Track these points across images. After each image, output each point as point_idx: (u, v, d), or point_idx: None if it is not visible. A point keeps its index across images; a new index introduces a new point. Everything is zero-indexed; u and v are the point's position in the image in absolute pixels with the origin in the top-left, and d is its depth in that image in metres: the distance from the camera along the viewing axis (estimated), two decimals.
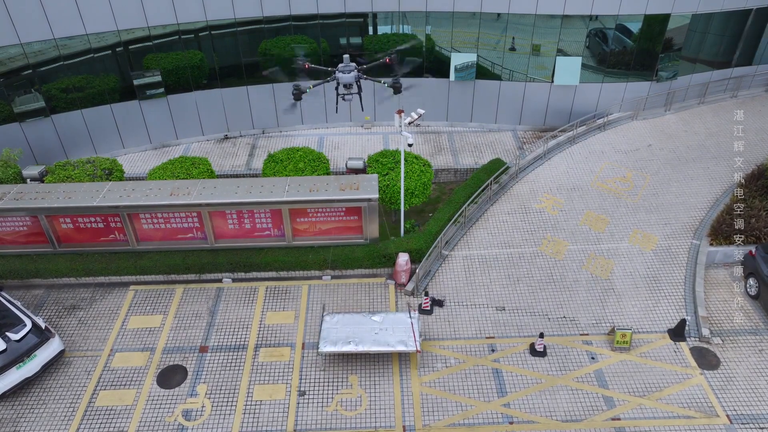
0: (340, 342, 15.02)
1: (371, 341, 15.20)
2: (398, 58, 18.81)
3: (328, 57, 23.40)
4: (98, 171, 18.78)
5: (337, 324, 15.55)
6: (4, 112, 20.66)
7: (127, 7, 20.13)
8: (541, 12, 21.56)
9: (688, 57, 23.72)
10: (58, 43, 20.12)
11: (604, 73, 23.47)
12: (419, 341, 15.26)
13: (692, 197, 20.27)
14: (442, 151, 23.48)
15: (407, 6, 21.94)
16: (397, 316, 16.12)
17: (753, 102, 24.98)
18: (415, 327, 15.53)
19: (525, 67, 23.28)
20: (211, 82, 23.06)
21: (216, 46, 22.30)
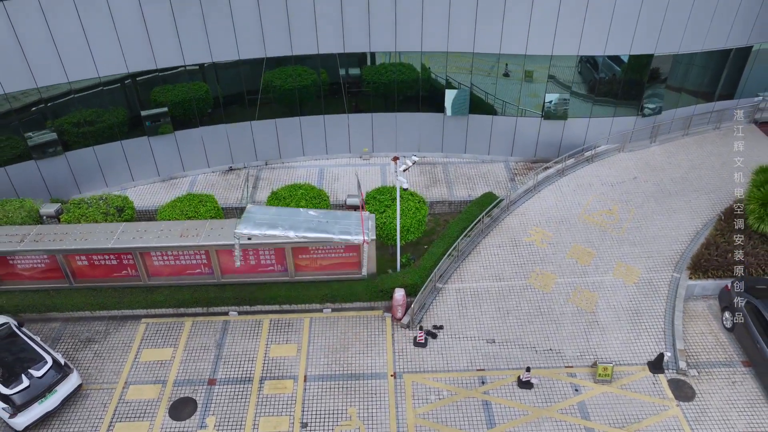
0: (265, 225, 14.70)
1: (306, 228, 14.95)
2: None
3: (327, 86, 24.50)
4: (111, 209, 19.86)
5: (264, 211, 15.23)
6: (19, 148, 21.72)
7: (137, 51, 21.23)
8: (530, 53, 22.66)
9: (674, 87, 24.76)
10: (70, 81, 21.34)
11: (593, 101, 24.53)
12: (370, 233, 14.96)
13: (674, 230, 21.34)
14: (437, 183, 24.56)
15: (403, 47, 23.04)
16: (343, 212, 16.20)
17: (735, 134, 26.06)
18: (365, 222, 15.30)
19: (517, 95, 24.27)
20: (217, 116, 24.15)
21: (220, 78, 23.33)
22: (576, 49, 22.48)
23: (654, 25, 21.90)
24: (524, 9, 21.62)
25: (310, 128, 25.19)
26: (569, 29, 21.96)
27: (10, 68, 19.80)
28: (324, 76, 24.24)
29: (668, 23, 21.89)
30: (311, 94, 24.52)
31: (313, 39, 22.59)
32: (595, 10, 21.47)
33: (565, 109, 24.13)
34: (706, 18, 22.14)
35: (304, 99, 24.49)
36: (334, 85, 24.44)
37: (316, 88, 24.40)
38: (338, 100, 24.86)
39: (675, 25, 22.01)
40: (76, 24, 19.92)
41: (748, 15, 22.60)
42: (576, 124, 24.55)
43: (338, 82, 24.27)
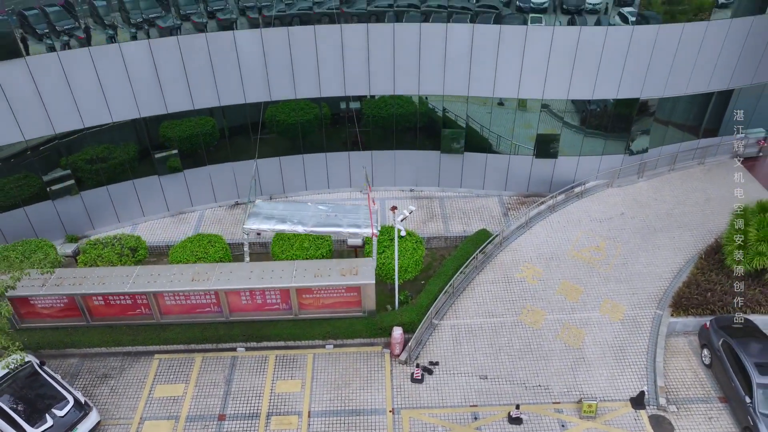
0: (273, 220, 15.43)
1: (315, 223, 15.61)
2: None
3: (330, 119, 25.70)
4: (125, 250, 21.04)
5: (273, 207, 15.97)
6: (36, 186, 22.85)
7: (149, 98, 22.46)
8: (522, 96, 23.89)
9: (660, 122, 25.85)
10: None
11: (584, 133, 25.69)
12: (377, 226, 15.57)
13: (658, 267, 22.50)
14: (434, 218, 25.73)
15: (401, 90, 24.28)
16: (352, 205, 16.88)
17: (718, 169, 27.26)
18: (374, 214, 16.06)
19: (511, 125, 25.43)
20: (223, 155, 25.36)
21: (226, 114, 24.49)
22: (565, 93, 23.69)
23: (639, 72, 23.12)
24: (516, 57, 22.86)
25: (312, 164, 26.40)
26: (559, 76, 23.19)
27: (30, 117, 21.01)
28: (326, 109, 25.39)
29: (653, 70, 23.11)
30: (313, 126, 25.70)
31: (316, 84, 23.83)
32: (583, 58, 22.70)
33: (555, 150, 25.44)
34: (688, 65, 23.35)
35: (306, 132, 25.69)
36: (335, 117, 25.64)
37: (318, 121, 25.59)
38: (340, 133, 26.05)
39: (659, 71, 23.22)
40: (92, 75, 21.16)
41: (727, 61, 23.82)
42: (566, 162, 25.74)
43: (339, 114, 25.44)
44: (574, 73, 22.99)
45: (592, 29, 22.01)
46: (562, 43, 22.33)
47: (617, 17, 22.02)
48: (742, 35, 23.11)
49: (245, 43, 22.31)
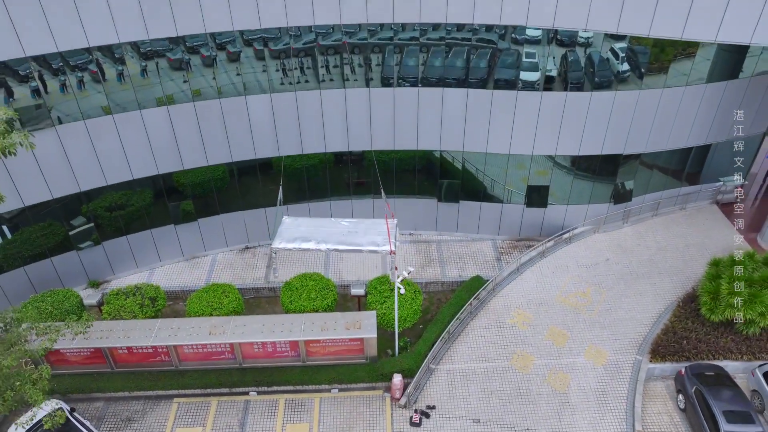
0: (299, 239, 16.81)
1: (337, 241, 16.94)
2: None
3: (332, 161, 27.47)
4: (146, 300, 22.79)
5: (299, 224, 17.33)
6: (60, 234, 24.51)
7: (167, 157, 24.21)
8: (513, 153, 25.67)
9: (647, 164, 27.49)
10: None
11: (574, 174, 27.39)
12: (395, 243, 16.83)
13: (639, 313, 24.20)
14: (431, 263, 27.47)
15: (401, 146, 26.03)
16: (370, 220, 18.09)
17: (699, 214, 29.01)
18: (391, 228, 17.34)
19: (504, 166, 27.11)
20: (235, 204, 27.11)
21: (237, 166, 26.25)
22: (553, 150, 25.45)
23: (622, 131, 24.88)
24: (507, 118, 24.62)
25: (318, 211, 28.14)
26: (547, 134, 24.94)
27: (58, 178, 22.76)
28: (329, 155, 27.12)
29: (635, 129, 24.87)
30: (317, 171, 27.42)
31: (321, 141, 25.61)
32: (569, 119, 24.45)
33: (544, 200, 27.22)
34: (667, 124, 25.09)
35: (311, 175, 27.45)
36: (338, 162, 27.38)
37: (322, 165, 27.32)
38: (343, 176, 27.77)
39: (641, 130, 24.96)
40: (115, 139, 22.93)
41: (704, 121, 25.57)
42: (555, 210, 27.49)
43: (343, 159, 27.17)
44: (562, 132, 24.76)
45: (577, 94, 23.79)
46: (549, 106, 24.11)
47: (609, 53, 23.53)
48: (716, 98, 24.88)
49: (256, 105, 24.09)
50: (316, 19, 22.34)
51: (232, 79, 23.52)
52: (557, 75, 23.79)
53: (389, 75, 24.36)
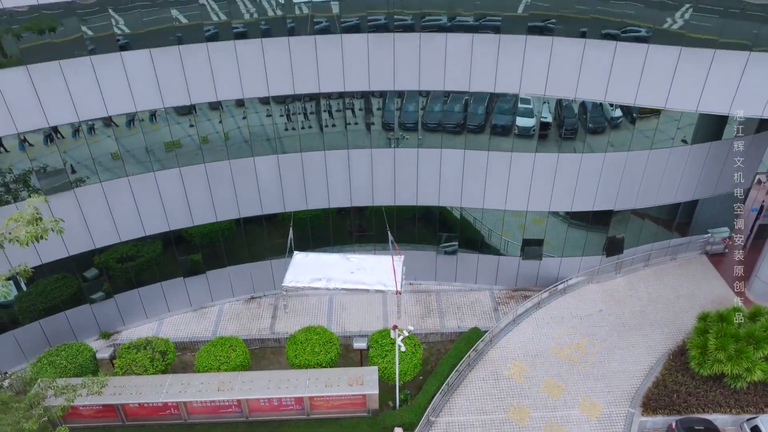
0: (309, 277, 17.62)
1: (345, 280, 17.68)
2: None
3: (336, 211, 28.40)
4: (156, 354, 23.68)
5: (307, 261, 18.17)
6: (73, 287, 25.51)
7: (178, 215, 25.40)
8: (509, 209, 26.86)
9: (638, 214, 28.39)
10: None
11: (569, 223, 28.49)
12: (401, 283, 17.60)
13: (632, 365, 25.05)
14: (431, 314, 28.40)
15: (401, 201, 27.22)
16: (378, 257, 18.82)
17: (689, 265, 30.05)
18: (397, 268, 18.08)
19: (502, 215, 28.20)
20: (242, 256, 28.16)
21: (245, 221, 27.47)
22: (547, 206, 26.63)
23: (612, 189, 26.07)
24: (503, 176, 25.83)
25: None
26: (541, 192, 26.15)
27: (74, 236, 23.84)
28: (332, 210, 28.34)
29: (624, 187, 26.07)
30: (321, 220, 28.53)
31: (325, 198, 26.82)
32: (562, 178, 25.67)
33: (539, 253, 28.30)
34: (655, 182, 26.31)
35: (315, 225, 28.48)
36: (341, 212, 28.48)
37: (325, 216, 28.43)
38: (346, 225, 28.83)
39: (630, 187, 26.16)
40: (129, 199, 24.13)
41: (690, 178, 26.80)
42: (550, 262, 28.55)
43: (346, 209, 28.24)
44: (555, 190, 25.96)
45: (569, 156, 25.05)
46: (542, 166, 25.35)
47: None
48: (701, 157, 26.15)
49: (264, 166, 25.35)
50: (322, 87, 23.72)
51: (241, 141, 24.89)
52: (552, 120, 25.02)
53: (389, 121, 25.43)
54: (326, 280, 18.57)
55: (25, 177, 22.37)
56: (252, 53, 22.42)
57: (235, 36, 22.07)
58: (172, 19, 21.19)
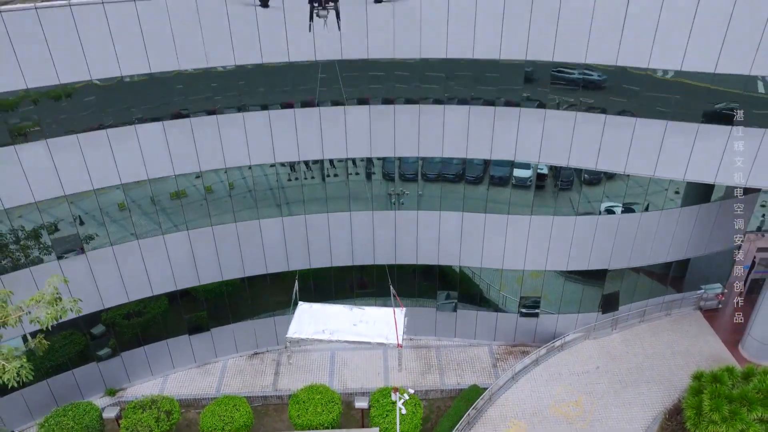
0: (312, 328, 17.77)
1: (347, 332, 17.88)
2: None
3: (338, 270, 29.30)
4: (161, 414, 24.14)
5: (311, 312, 18.41)
6: (81, 344, 26.13)
7: (185, 274, 26.19)
8: (506, 268, 27.69)
9: (633, 267, 29.30)
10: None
11: (566, 277, 29.19)
12: (402, 336, 17.86)
13: (628, 423, 25.44)
14: (431, 369, 28.91)
15: (401, 260, 28.07)
16: (380, 309, 19.01)
17: (683, 321, 30.65)
18: (399, 321, 18.22)
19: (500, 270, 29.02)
20: (246, 312, 28.85)
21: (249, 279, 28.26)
22: (543, 265, 27.45)
23: (605, 249, 26.92)
24: (499, 237, 26.73)
25: None
26: (537, 252, 26.99)
27: (85, 297, 24.38)
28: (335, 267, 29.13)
29: (617, 247, 26.93)
30: (324, 274, 29.24)
31: (328, 257, 27.66)
32: (557, 239, 26.54)
33: (537, 310, 29.00)
34: (647, 243, 27.19)
35: (317, 278, 29.11)
36: (344, 267, 29.27)
37: (328, 270, 29.18)
38: (347, 279, 29.57)
39: (623, 248, 27.02)
40: (139, 261, 24.97)
41: (681, 239, 27.70)
42: (547, 319, 29.19)
43: (349, 267, 29.13)
44: (550, 250, 26.81)
45: (564, 219, 25.99)
46: (538, 227, 26.27)
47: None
48: (691, 219, 27.09)
49: (269, 228, 26.26)
50: (326, 154, 24.83)
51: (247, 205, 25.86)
52: (548, 171, 25.76)
53: (390, 171, 26.18)
54: (329, 332, 19.17)
55: (39, 240, 23.29)
56: (259, 124, 23.60)
57: (243, 108, 23.34)
58: (183, 92, 22.46)
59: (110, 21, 20.13)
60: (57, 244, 23.34)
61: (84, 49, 20.23)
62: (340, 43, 22.18)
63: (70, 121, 21.43)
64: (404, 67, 23.21)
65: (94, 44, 20.33)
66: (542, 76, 22.81)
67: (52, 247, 23.33)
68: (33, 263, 23.26)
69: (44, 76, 20.20)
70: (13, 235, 22.53)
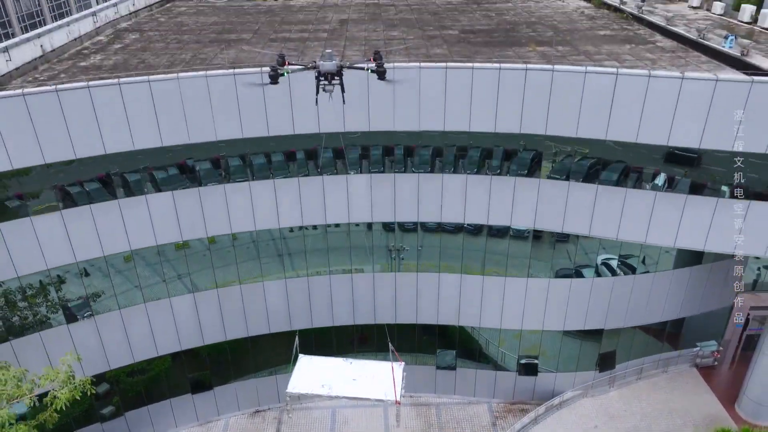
0: (312, 384, 17.95)
1: (347, 388, 17.98)
2: (381, 54, 19.19)
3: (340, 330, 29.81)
4: None
5: (311, 366, 18.63)
6: (85, 404, 26.37)
7: (190, 334, 26.77)
8: (505, 328, 28.27)
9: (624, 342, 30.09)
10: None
11: (564, 332, 29.64)
12: (400, 393, 17.98)
13: None
14: (431, 428, 29.12)
15: (401, 320, 28.65)
16: (380, 364, 19.18)
17: (680, 378, 30.99)
18: (397, 377, 18.35)
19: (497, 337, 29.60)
20: (248, 369, 29.29)
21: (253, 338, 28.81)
22: (540, 325, 28.04)
23: (601, 310, 27.55)
24: (497, 299, 27.41)
25: None
26: (534, 312, 27.61)
27: (92, 359, 25.07)
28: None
29: (613, 308, 27.56)
30: (325, 330, 29.70)
31: (329, 317, 28.28)
32: (553, 301, 27.21)
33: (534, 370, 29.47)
34: (642, 303, 27.82)
35: (319, 334, 29.53)
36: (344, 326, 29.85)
37: (328, 328, 29.70)
38: (348, 335, 30.02)
39: (618, 308, 27.63)
40: (145, 324, 25.59)
41: (674, 299, 28.35)
42: (546, 377, 29.60)
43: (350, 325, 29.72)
44: (547, 311, 27.43)
45: (560, 281, 26.73)
46: (534, 290, 26.95)
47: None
48: (684, 280, 27.81)
49: (272, 290, 26.98)
50: (328, 219, 25.71)
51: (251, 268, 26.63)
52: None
53: (390, 222, 26.69)
54: (328, 387, 19.60)
55: (49, 305, 23.96)
56: (265, 192, 24.55)
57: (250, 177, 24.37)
58: (193, 162, 23.49)
59: (126, 99, 21.32)
60: (66, 309, 24.03)
61: (100, 126, 21.36)
62: (343, 116, 23.34)
63: (83, 192, 22.43)
64: (404, 137, 24.35)
65: (109, 121, 21.47)
66: (537, 148, 23.94)
67: (61, 311, 24.04)
68: (43, 327, 23.90)
69: (62, 152, 21.27)
70: (25, 300, 23.25)
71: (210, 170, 23.86)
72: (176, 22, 33.94)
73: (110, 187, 22.74)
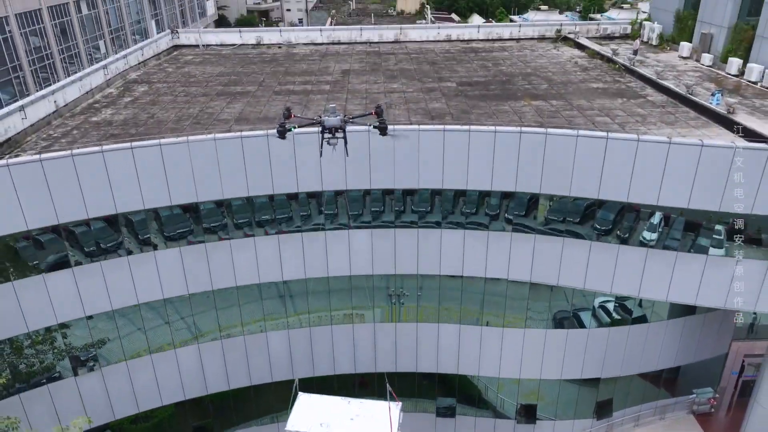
0: (311, 423, 18.28)
1: (345, 428, 18.35)
2: (382, 109, 19.71)
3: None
4: None
5: (310, 404, 18.90)
6: None
7: (193, 383, 27.28)
8: (503, 376, 28.78)
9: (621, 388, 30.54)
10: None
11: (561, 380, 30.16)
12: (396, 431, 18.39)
13: None
14: None
15: (402, 368, 29.17)
16: (377, 403, 19.49)
17: (678, 425, 31.28)
18: (393, 415, 18.63)
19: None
20: (250, 414, 29.71)
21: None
22: (538, 374, 28.54)
23: (597, 360, 28.08)
24: (495, 348, 27.98)
25: None
26: (532, 362, 28.14)
27: (97, 409, 25.57)
28: None
29: (609, 356, 28.10)
30: (326, 377, 30.18)
31: (331, 366, 28.81)
32: (550, 351, 27.78)
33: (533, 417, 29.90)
34: (637, 353, 28.37)
35: (320, 379, 30.02)
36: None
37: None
38: (348, 378, 30.44)
39: (615, 357, 28.19)
40: (150, 374, 26.13)
41: (669, 348, 28.90)
42: (545, 425, 30.00)
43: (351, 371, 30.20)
44: (544, 361, 27.98)
45: (557, 332, 27.35)
46: (532, 339, 27.54)
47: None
48: (678, 330, 28.40)
49: (275, 340, 27.57)
50: (330, 272, 26.43)
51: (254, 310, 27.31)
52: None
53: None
54: (327, 425, 20.10)
55: (57, 358, 24.55)
56: (269, 248, 25.34)
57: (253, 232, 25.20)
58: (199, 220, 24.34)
59: (137, 162, 22.24)
60: (73, 361, 24.60)
61: (112, 187, 22.24)
62: (345, 175, 24.25)
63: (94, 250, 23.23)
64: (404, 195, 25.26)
65: (121, 183, 22.35)
66: (531, 205, 24.81)
67: (68, 364, 24.65)
68: (50, 380, 24.46)
69: (75, 213, 22.11)
70: (35, 354, 23.85)
71: (216, 225, 24.71)
72: (183, 73, 35.11)
73: (119, 245, 23.61)
